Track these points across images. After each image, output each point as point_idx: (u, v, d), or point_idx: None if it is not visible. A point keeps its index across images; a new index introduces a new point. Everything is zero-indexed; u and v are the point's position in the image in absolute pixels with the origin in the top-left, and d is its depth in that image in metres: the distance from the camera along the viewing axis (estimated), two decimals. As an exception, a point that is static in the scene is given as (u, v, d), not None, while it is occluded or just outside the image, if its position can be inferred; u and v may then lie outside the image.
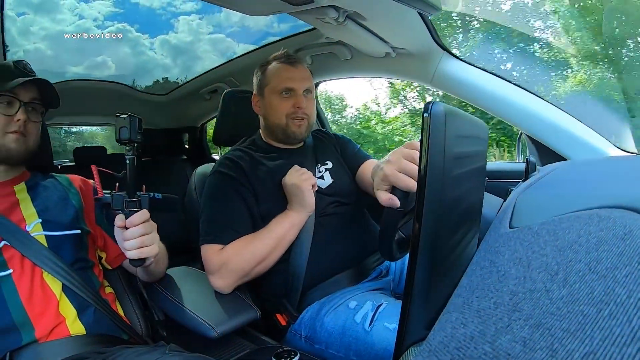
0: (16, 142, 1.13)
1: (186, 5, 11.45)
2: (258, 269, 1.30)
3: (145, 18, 12.78)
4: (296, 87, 1.44)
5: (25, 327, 1.01)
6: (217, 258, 1.29)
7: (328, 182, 1.49)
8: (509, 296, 0.44)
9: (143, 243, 1.04)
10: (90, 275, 1.19)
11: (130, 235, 1.03)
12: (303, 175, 1.32)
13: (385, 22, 1.45)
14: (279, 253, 1.31)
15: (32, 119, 1.16)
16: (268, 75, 1.48)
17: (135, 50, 10.72)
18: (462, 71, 1.66)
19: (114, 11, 11.84)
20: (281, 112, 1.45)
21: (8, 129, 1.11)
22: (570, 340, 0.31)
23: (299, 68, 1.48)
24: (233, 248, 1.29)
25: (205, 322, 1.18)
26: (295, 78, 1.45)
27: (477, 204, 0.99)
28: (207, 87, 2.72)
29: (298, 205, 1.31)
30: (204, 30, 12.52)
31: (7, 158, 1.14)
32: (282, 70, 1.46)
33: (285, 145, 1.54)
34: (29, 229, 1.12)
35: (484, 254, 0.66)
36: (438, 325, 0.50)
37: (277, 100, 1.45)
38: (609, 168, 1.18)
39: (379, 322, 1.17)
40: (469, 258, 0.76)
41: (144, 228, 1.04)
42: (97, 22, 11.24)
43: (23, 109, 1.13)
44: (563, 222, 0.56)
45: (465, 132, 0.74)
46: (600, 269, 0.39)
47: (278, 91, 1.45)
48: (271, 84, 1.46)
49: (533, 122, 1.57)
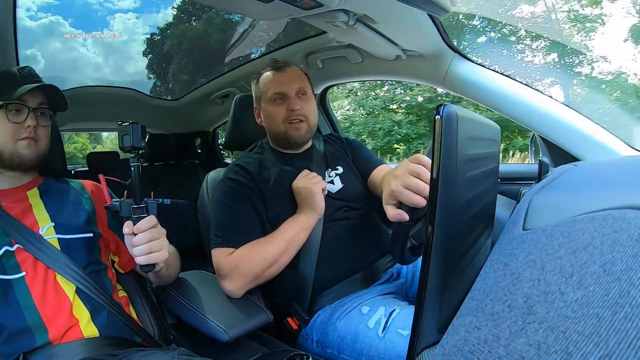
0: (28, 148, 1.14)
1: (123, 2, 11.14)
2: (269, 272, 1.29)
3: (81, 12, 12.53)
4: (286, 90, 1.44)
5: (39, 329, 1.02)
6: (227, 262, 1.30)
7: (338, 186, 1.49)
8: (523, 299, 0.44)
9: (151, 249, 1.05)
10: (103, 278, 1.20)
11: (138, 242, 1.03)
12: (313, 179, 1.33)
13: (396, 25, 1.44)
14: (290, 256, 1.31)
15: (42, 124, 1.17)
16: (260, 86, 1.49)
17: (67, 46, 10.46)
18: (473, 73, 1.65)
19: (48, 2, 11.57)
20: (278, 119, 1.45)
21: (19, 136, 1.13)
22: (585, 344, 0.31)
23: (287, 71, 1.48)
24: (243, 251, 1.29)
25: (217, 326, 1.18)
26: (283, 82, 1.45)
27: (490, 206, 0.99)
28: (219, 92, 2.74)
29: (308, 208, 1.32)
30: (139, 30, 12.17)
31: (20, 164, 1.16)
32: (270, 78, 1.47)
33: (290, 150, 1.54)
34: (42, 232, 1.13)
35: (498, 257, 0.65)
36: (451, 329, 0.50)
37: (272, 108, 1.46)
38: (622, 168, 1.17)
39: (393, 328, 1.16)
40: (482, 261, 0.75)
41: (151, 234, 1.05)
42: (30, 13, 10.96)
43: (32, 115, 1.14)
44: (577, 223, 0.56)
45: (478, 134, 0.74)
46: (615, 271, 0.38)
47: (271, 99, 1.45)
48: (264, 93, 1.48)
49: (545, 123, 1.56)
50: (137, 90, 3.04)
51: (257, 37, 9.27)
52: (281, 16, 1.28)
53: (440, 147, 0.54)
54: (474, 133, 0.69)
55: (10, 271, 1.05)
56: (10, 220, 1.10)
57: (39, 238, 1.11)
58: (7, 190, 1.17)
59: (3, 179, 1.17)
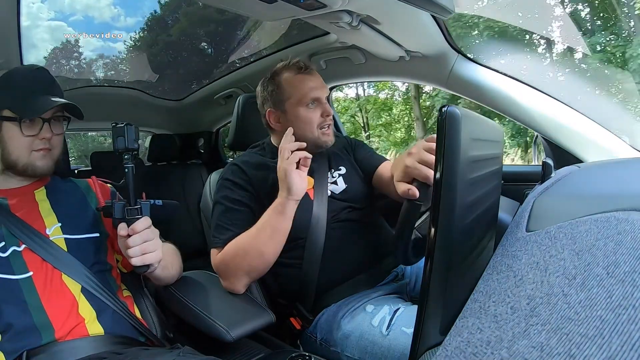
0: (42, 159, 1.15)
1: (28, -16, 10.23)
2: (259, 263, 1.28)
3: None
4: (321, 95, 1.41)
5: (45, 328, 1.03)
6: (218, 261, 1.32)
7: (342, 187, 1.49)
8: (526, 301, 0.44)
9: (145, 250, 1.05)
10: (108, 278, 1.20)
11: (132, 243, 1.04)
12: (288, 157, 1.24)
13: (399, 26, 1.44)
14: (275, 244, 1.27)
15: (56, 132, 1.17)
16: (286, 88, 1.43)
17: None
18: (477, 73, 1.65)
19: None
20: (312, 124, 1.40)
21: (34, 147, 1.13)
22: (589, 346, 0.31)
23: (316, 76, 1.45)
24: (229, 248, 1.30)
25: (220, 326, 1.18)
26: (318, 87, 1.42)
27: (493, 207, 0.99)
28: (222, 93, 2.73)
29: (284, 189, 1.25)
30: (44, 16, 11.25)
31: (33, 174, 1.16)
32: (303, 81, 1.42)
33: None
34: (49, 232, 1.14)
35: (501, 258, 0.65)
36: (454, 330, 0.50)
37: (305, 112, 1.40)
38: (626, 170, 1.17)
39: (397, 326, 1.16)
40: (486, 262, 0.75)
41: (145, 235, 1.06)
42: None
43: (47, 126, 1.14)
44: (580, 225, 0.56)
45: (481, 135, 0.74)
46: (618, 273, 0.38)
47: (305, 103, 1.40)
48: (294, 97, 1.41)
49: (549, 124, 1.56)
50: (141, 90, 3.04)
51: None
52: (284, 17, 1.28)
53: (444, 148, 0.54)
54: (477, 134, 0.69)
55: (17, 271, 1.05)
56: (18, 222, 1.11)
57: (46, 239, 1.11)
58: (15, 189, 1.17)
59: (11, 178, 1.17)
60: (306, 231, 1.37)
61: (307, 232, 1.37)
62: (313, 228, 1.37)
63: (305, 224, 1.36)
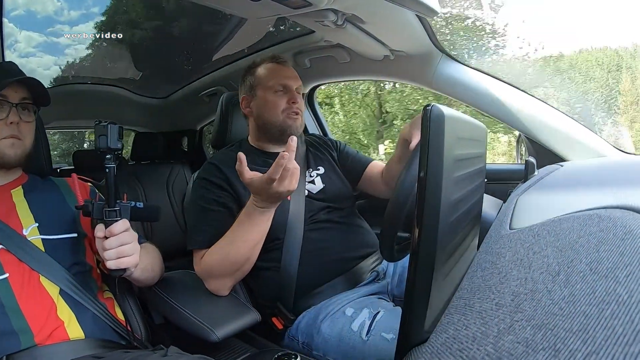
0: (12, 147, 1.12)
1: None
2: (246, 268, 1.29)
3: None
4: (290, 83, 1.48)
5: (24, 332, 1.00)
6: (201, 265, 1.30)
7: (319, 186, 1.49)
8: (511, 297, 0.44)
9: (122, 253, 1.03)
10: (88, 279, 1.18)
11: (108, 245, 1.01)
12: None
13: (384, 25, 1.45)
14: (259, 246, 1.26)
15: (25, 120, 1.14)
16: (260, 76, 1.50)
17: None
18: (461, 73, 1.66)
19: None
20: (277, 108, 1.46)
21: (2, 135, 1.10)
22: (573, 340, 0.31)
23: (290, 68, 1.53)
24: (212, 255, 1.28)
25: (205, 326, 1.17)
26: (289, 76, 1.49)
27: (477, 205, 0.99)
28: (206, 91, 2.72)
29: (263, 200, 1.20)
30: None
31: (3, 164, 1.13)
32: (275, 69, 1.50)
33: (277, 146, 1.53)
34: (26, 232, 1.11)
35: (485, 256, 0.66)
36: (440, 327, 0.50)
37: (272, 96, 1.46)
38: (607, 169, 1.19)
39: (376, 331, 1.16)
40: (470, 260, 0.76)
41: (123, 238, 1.03)
42: None
43: (14, 110, 1.11)
44: (563, 222, 0.56)
45: (465, 134, 0.74)
46: (601, 269, 0.39)
47: (273, 89, 1.47)
48: (264, 82, 1.48)
49: (532, 123, 1.58)
50: (124, 88, 3.01)
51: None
52: (270, 15, 1.27)
53: (428, 146, 0.54)
54: (461, 133, 0.70)
55: None
56: None
57: (23, 239, 1.09)
58: None
59: None
60: (283, 232, 1.36)
61: (284, 234, 1.36)
62: (290, 229, 1.37)
63: (282, 225, 1.35)
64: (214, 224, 1.33)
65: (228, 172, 1.40)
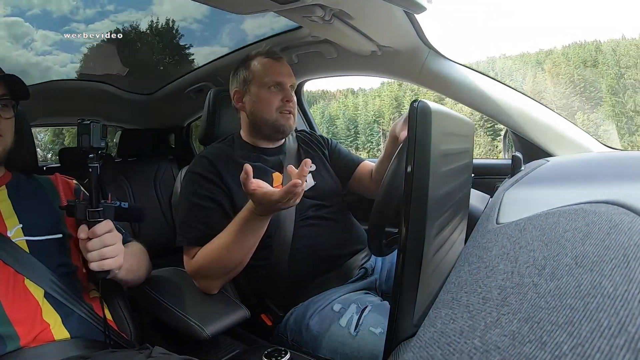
0: None
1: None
2: (238, 269, 1.28)
3: None
4: (285, 80, 1.46)
5: (9, 336, 0.97)
6: (192, 264, 1.29)
7: (310, 184, 1.49)
8: (498, 291, 0.45)
9: (105, 255, 1.01)
10: (73, 280, 1.15)
11: (91, 247, 0.99)
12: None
13: (372, 21, 1.45)
14: (253, 248, 1.26)
15: (4, 116, 1.11)
16: (254, 70, 1.47)
17: None
18: (448, 69, 1.67)
19: None
20: (272, 106, 1.44)
21: None
22: (559, 333, 0.31)
23: (284, 64, 1.51)
24: (203, 253, 1.27)
25: (195, 323, 1.16)
26: (283, 73, 1.47)
27: (464, 200, 1.00)
28: (193, 87, 2.70)
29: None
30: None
31: None
32: (270, 65, 1.47)
33: (269, 142, 1.52)
34: (10, 234, 1.08)
35: (472, 250, 0.66)
36: (428, 321, 0.50)
37: (267, 94, 1.45)
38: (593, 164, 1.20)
39: (365, 326, 1.16)
40: (457, 254, 0.76)
41: (106, 239, 1.01)
42: None
43: None
44: (549, 217, 0.57)
45: (452, 130, 0.75)
46: (586, 263, 0.39)
47: (267, 85, 1.45)
48: (259, 78, 1.46)
49: (518, 119, 1.59)
50: (110, 84, 2.98)
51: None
52: (257, 10, 1.27)
53: (415, 141, 0.54)
54: (448, 128, 0.70)
55: None
56: None
57: (7, 241, 1.06)
58: None
59: None
60: (274, 230, 1.35)
61: (274, 231, 1.35)
62: (280, 226, 1.36)
63: (273, 222, 1.32)
64: (206, 221, 1.31)
65: (220, 167, 1.39)
